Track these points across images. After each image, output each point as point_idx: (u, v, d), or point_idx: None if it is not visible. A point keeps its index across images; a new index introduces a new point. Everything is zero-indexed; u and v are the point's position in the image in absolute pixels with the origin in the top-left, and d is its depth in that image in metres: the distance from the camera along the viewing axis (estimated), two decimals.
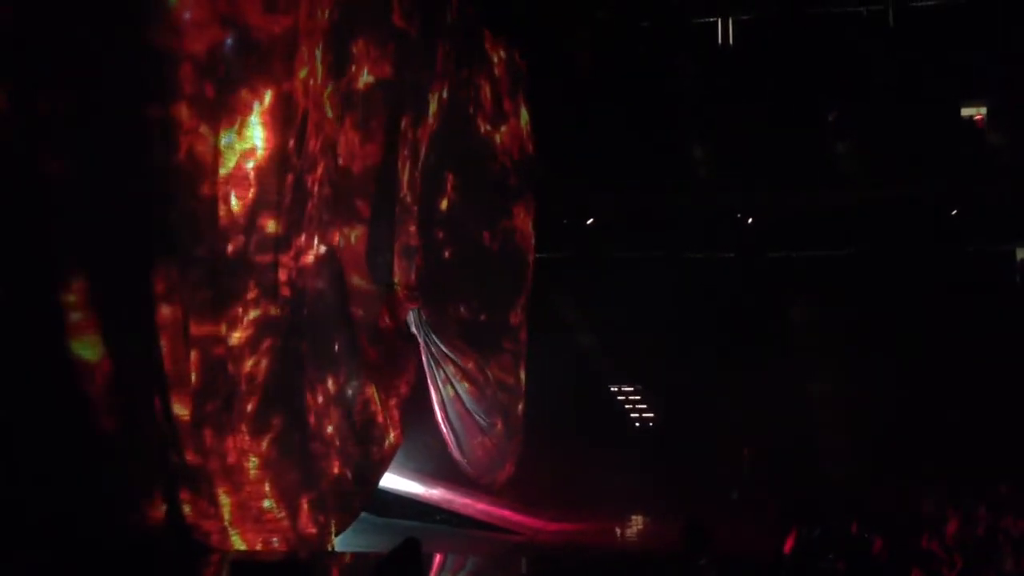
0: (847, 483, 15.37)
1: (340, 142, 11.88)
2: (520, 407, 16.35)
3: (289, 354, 10.90)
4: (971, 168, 18.78)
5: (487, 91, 15.60)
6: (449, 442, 15.05)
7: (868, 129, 18.92)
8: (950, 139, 19.02)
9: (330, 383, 11.78)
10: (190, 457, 9.83)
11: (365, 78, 12.25)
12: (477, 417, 15.12)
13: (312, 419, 11.27)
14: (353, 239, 12.18)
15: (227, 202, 10.22)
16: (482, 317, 15.70)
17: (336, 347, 11.84)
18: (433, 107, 13.89)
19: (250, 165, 10.37)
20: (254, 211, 10.46)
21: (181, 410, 9.78)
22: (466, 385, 14.86)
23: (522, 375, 16.44)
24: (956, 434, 16.02)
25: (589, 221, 19.95)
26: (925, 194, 18.93)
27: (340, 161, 11.91)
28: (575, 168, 18.84)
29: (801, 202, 19.31)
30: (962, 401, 16.46)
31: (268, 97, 10.36)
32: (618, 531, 14.88)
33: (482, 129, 15.62)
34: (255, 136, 10.37)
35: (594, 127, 18.71)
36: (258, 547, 10.28)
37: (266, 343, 10.65)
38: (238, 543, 10.19)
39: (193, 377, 9.85)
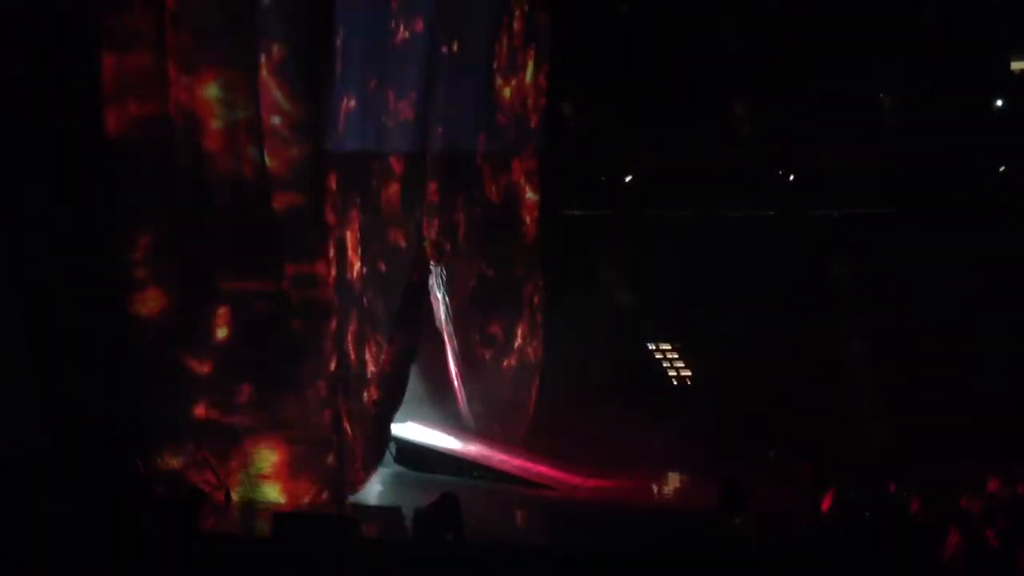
0: (885, 443, 15.26)
1: (377, 99, 11.88)
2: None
3: (361, 315, 11.03)
4: (1020, 123, 18.33)
5: (504, 44, 15.49)
6: (459, 396, 15.18)
7: (914, 83, 18.50)
8: (999, 93, 18.56)
9: (381, 341, 11.96)
10: (207, 412, 9.75)
11: (402, 34, 12.22)
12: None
13: (368, 375, 11.44)
14: (390, 196, 12.25)
15: (244, 157, 9.94)
16: (504, 274, 15.77)
17: (392, 306, 12.01)
18: (453, 60, 13.78)
19: (276, 121, 10.22)
20: (305, 168, 10.34)
21: (198, 366, 9.68)
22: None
23: (540, 333, 16.50)
24: (999, 396, 15.83)
25: (627, 179, 19.78)
26: (972, 150, 18.52)
27: (380, 118, 11.94)
28: (612, 125, 18.65)
29: (843, 158, 18.97)
30: (1008, 363, 16.22)
31: (275, 51, 10.12)
32: (655, 488, 14.94)
33: (496, 83, 15.53)
34: (270, 92, 10.10)
35: (631, 82, 18.46)
36: (302, 500, 10.31)
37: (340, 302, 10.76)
38: (269, 495, 10.18)
39: (223, 332, 9.80)
